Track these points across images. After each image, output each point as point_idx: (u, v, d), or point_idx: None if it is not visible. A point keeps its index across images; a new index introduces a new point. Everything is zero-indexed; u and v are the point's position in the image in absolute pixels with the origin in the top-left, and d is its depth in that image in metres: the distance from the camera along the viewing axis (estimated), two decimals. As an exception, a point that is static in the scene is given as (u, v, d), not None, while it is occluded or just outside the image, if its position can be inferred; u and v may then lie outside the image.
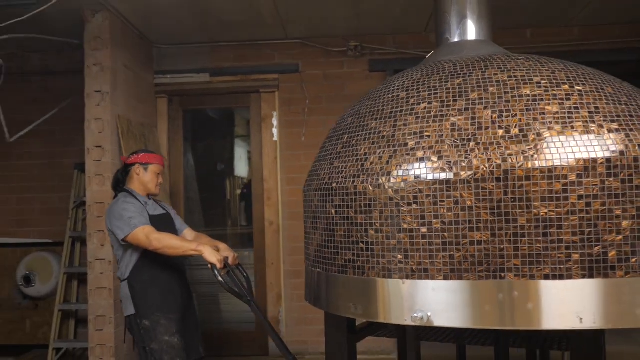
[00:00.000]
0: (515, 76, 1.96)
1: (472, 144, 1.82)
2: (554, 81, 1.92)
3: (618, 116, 1.80)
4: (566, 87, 1.90)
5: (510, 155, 1.76)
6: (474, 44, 2.42)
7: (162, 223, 3.17)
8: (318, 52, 4.97)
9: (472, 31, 2.46)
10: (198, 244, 3.00)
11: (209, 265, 2.95)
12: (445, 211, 1.79)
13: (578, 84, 1.91)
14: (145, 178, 3.21)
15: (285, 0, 4.08)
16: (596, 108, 1.82)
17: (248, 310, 3.23)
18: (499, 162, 1.76)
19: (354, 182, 2.00)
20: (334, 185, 2.09)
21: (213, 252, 2.96)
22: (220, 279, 2.94)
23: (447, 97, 1.97)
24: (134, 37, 4.57)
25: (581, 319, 1.70)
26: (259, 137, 5.15)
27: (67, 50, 4.72)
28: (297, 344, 4.76)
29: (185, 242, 3.03)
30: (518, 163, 1.74)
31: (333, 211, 2.09)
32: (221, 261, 2.95)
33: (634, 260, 1.69)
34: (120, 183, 3.27)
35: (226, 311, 5.28)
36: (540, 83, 1.92)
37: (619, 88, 1.95)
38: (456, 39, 2.48)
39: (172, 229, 3.26)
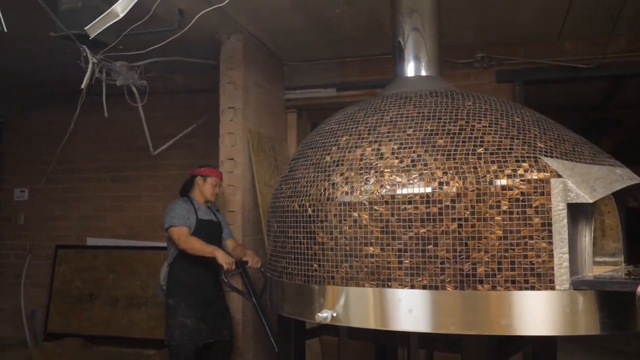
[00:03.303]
0: (422, 112, 2.26)
1: (372, 171, 2.14)
2: (454, 117, 2.20)
3: (499, 149, 2.05)
4: (462, 122, 2.17)
5: (398, 182, 2.07)
6: (422, 80, 2.72)
7: (208, 227, 3.76)
8: (443, 64, 5.05)
9: (423, 68, 2.75)
10: (214, 249, 3.53)
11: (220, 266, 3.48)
12: (347, 228, 2.13)
13: (474, 120, 2.17)
14: (204, 188, 3.81)
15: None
16: (482, 142, 2.08)
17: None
18: (388, 187, 2.07)
19: (288, 202, 2.39)
20: (277, 204, 2.49)
21: (224, 257, 3.48)
22: (222, 277, 3.45)
23: (364, 131, 2.30)
24: (265, 55, 4.84)
25: (452, 324, 1.96)
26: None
27: (207, 70, 5.06)
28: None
29: (205, 246, 3.56)
30: (403, 189, 2.04)
31: (276, 225, 2.49)
32: (229, 263, 3.46)
33: (499, 276, 1.94)
34: (186, 189, 3.90)
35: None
36: (441, 119, 2.20)
37: (517, 122, 2.18)
38: (410, 74, 2.77)
39: (216, 234, 3.83)
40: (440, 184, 2.01)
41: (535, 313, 1.92)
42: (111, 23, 2.99)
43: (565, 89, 6.37)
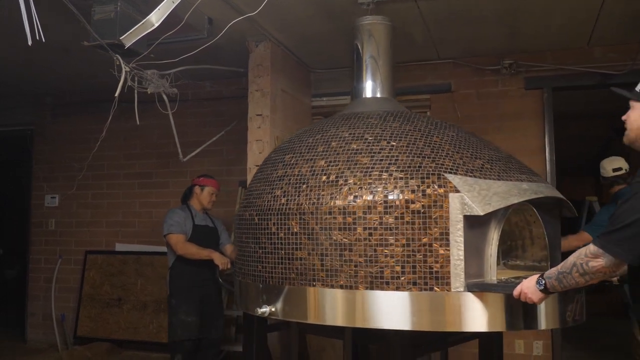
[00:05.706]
0: (353, 133, 2.56)
1: (304, 186, 2.47)
2: (378, 137, 2.49)
3: (409, 167, 2.33)
4: (384, 142, 2.46)
5: (322, 195, 2.38)
6: (377, 101, 3.03)
7: (204, 232, 4.16)
8: (470, 71, 4.89)
9: (379, 90, 3.05)
10: (210, 251, 3.93)
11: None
12: (282, 234, 2.47)
13: (394, 140, 2.46)
14: (201, 196, 4.22)
15: (437, 22, 4.11)
16: (396, 160, 2.37)
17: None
18: (314, 200, 2.39)
19: (243, 211, 2.75)
20: (238, 213, 2.86)
21: (220, 258, 3.87)
22: (217, 276, 3.83)
23: (304, 150, 2.63)
24: (293, 63, 4.87)
25: (363, 319, 2.26)
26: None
27: (235, 77, 5.14)
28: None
29: (201, 250, 3.97)
30: (325, 202, 2.36)
31: (236, 232, 2.86)
32: (225, 263, 3.84)
33: (403, 278, 2.22)
34: (186, 197, 4.30)
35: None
36: (367, 139, 2.50)
37: (434, 142, 2.45)
38: (368, 95, 3.08)
39: (213, 238, 4.21)
40: (355, 197, 2.31)
41: (434, 311, 2.20)
42: (146, 33, 3.16)
43: (595, 96, 6.26)
